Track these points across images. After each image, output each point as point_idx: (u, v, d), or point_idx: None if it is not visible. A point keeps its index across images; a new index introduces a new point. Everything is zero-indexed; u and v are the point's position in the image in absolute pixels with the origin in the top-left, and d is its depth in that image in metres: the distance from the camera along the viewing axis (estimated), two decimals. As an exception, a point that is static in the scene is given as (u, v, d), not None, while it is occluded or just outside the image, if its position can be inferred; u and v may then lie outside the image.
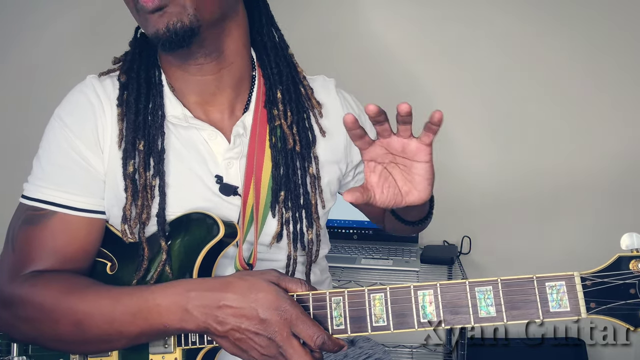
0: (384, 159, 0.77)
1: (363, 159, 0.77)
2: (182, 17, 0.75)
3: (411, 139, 0.73)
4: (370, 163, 0.77)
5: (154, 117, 0.84)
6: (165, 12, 0.75)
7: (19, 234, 0.80)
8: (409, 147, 0.74)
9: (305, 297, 0.74)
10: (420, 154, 0.74)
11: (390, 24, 1.91)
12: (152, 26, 0.76)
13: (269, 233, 0.88)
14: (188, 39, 0.77)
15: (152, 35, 0.77)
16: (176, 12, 0.75)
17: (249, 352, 0.71)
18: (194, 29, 0.76)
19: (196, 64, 0.83)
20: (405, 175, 0.77)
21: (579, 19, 1.81)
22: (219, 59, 0.84)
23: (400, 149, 0.75)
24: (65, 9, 2.01)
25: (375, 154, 0.76)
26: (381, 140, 0.74)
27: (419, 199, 0.78)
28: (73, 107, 0.83)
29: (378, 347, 1.11)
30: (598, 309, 0.64)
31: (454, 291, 0.69)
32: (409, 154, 0.75)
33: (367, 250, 1.82)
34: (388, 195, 0.78)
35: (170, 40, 0.76)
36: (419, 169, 0.75)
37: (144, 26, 0.79)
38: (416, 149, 0.74)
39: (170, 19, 0.75)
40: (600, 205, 1.85)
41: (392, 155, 0.76)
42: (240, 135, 0.87)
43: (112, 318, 0.73)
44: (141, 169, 0.81)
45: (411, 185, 0.77)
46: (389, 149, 0.75)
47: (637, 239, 0.65)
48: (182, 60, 0.83)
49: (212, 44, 0.82)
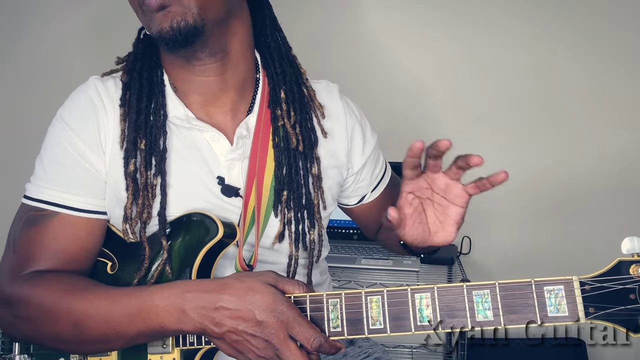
0: (422, 194, 0.78)
1: (403, 189, 0.77)
2: (187, 16, 0.75)
3: (457, 182, 0.75)
4: (408, 195, 0.77)
5: (155, 117, 0.84)
6: (170, 11, 0.75)
7: (21, 234, 0.80)
8: (452, 189, 0.75)
9: (302, 299, 0.73)
10: (459, 198, 0.75)
11: (391, 28, 1.91)
12: (156, 25, 0.76)
13: (270, 235, 0.88)
14: (192, 38, 0.77)
15: (156, 34, 0.77)
16: (180, 11, 0.75)
17: (246, 354, 0.71)
18: (198, 27, 0.76)
19: (200, 64, 0.83)
20: (437, 215, 0.78)
21: (580, 18, 1.80)
22: (223, 60, 0.84)
23: (443, 188, 0.76)
24: (66, 10, 2.01)
25: (417, 186, 0.77)
26: (428, 174, 0.75)
27: (445, 241, 0.79)
28: (75, 108, 0.84)
29: (377, 347, 1.11)
30: (597, 314, 0.64)
31: (452, 294, 0.68)
32: (450, 195, 0.76)
33: (367, 250, 1.82)
34: (417, 231, 0.79)
35: (174, 39, 0.76)
36: (453, 212, 0.76)
37: (148, 25, 0.79)
38: (459, 192, 0.75)
39: (174, 17, 0.75)
40: (601, 207, 1.84)
41: (431, 192, 0.77)
42: (243, 136, 0.87)
43: (110, 319, 0.73)
44: (142, 168, 0.81)
45: (440, 227, 0.78)
46: (432, 185, 0.76)
47: (637, 243, 0.64)
48: (186, 60, 0.83)
49: (216, 44, 0.82)
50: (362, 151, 0.98)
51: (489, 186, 0.72)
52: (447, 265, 1.75)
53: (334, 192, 0.96)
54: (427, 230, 0.79)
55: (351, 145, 0.97)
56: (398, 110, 1.93)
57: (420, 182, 0.77)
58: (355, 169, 0.99)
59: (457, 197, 0.75)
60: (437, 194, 0.77)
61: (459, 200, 0.75)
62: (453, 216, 0.77)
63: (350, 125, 0.97)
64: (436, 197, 0.77)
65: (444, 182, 0.75)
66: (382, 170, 1.05)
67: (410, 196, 0.78)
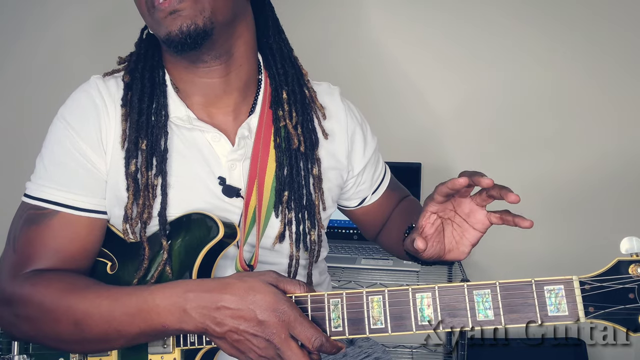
0: (445, 214, 0.79)
1: (427, 209, 0.78)
2: (196, 20, 0.76)
3: (482, 209, 0.76)
4: (431, 215, 0.79)
5: (157, 117, 0.84)
6: (180, 15, 0.75)
7: (21, 233, 0.80)
8: (476, 214, 0.77)
9: (303, 299, 0.73)
10: (480, 224, 0.77)
11: (391, 29, 1.91)
12: (164, 28, 0.76)
13: (271, 235, 0.88)
14: (201, 41, 0.77)
15: (164, 37, 0.77)
16: (191, 15, 0.75)
17: (247, 354, 0.71)
18: (207, 31, 0.77)
19: (205, 66, 0.83)
20: (455, 235, 0.80)
21: (580, 18, 1.80)
22: (228, 62, 0.84)
23: (467, 212, 0.78)
24: (67, 10, 2.02)
25: (443, 207, 0.78)
26: (456, 197, 0.77)
27: (457, 258, 0.81)
28: (76, 107, 0.84)
29: (377, 347, 1.11)
30: (596, 313, 0.64)
31: (452, 294, 0.69)
32: (472, 219, 0.77)
33: (367, 250, 1.82)
34: (434, 249, 0.80)
35: (183, 42, 0.76)
36: (471, 235, 0.78)
37: (155, 28, 0.79)
38: (482, 218, 0.77)
39: (184, 21, 0.75)
40: (602, 207, 1.84)
41: (453, 213, 0.79)
42: (245, 137, 0.87)
43: (111, 318, 0.73)
44: (143, 168, 0.82)
45: (455, 246, 0.80)
46: (456, 208, 0.78)
47: (637, 243, 0.65)
48: (191, 62, 0.83)
49: (222, 46, 0.82)
50: (363, 154, 0.99)
51: (512, 224, 0.73)
52: (447, 266, 1.75)
53: (334, 194, 0.97)
54: (442, 248, 0.81)
55: (352, 147, 0.97)
56: (398, 111, 1.93)
57: (447, 205, 0.78)
58: (356, 171, 0.99)
59: (479, 223, 0.77)
60: (459, 216, 0.79)
61: (479, 226, 0.77)
62: (470, 239, 0.79)
63: (351, 127, 0.97)
64: (457, 219, 0.79)
65: (469, 207, 0.77)
66: (382, 172, 1.06)
67: (433, 216, 0.79)
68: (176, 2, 0.75)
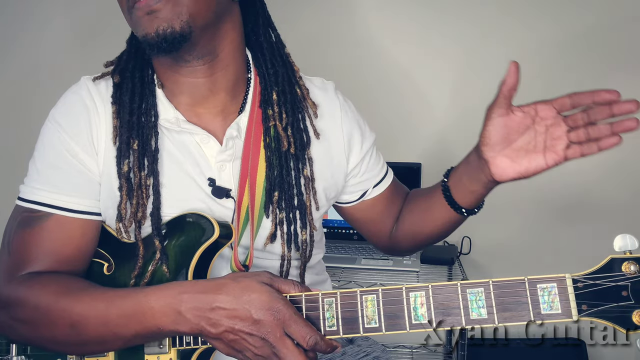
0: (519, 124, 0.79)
1: (490, 114, 0.80)
2: (173, 23, 0.75)
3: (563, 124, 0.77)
4: (497, 120, 0.79)
5: (147, 118, 0.84)
6: (157, 16, 0.74)
7: (15, 236, 0.81)
8: (556, 130, 0.77)
9: (298, 298, 0.74)
10: (556, 149, 0.78)
11: (389, 27, 1.91)
12: (142, 29, 0.76)
13: (263, 235, 0.88)
14: (177, 45, 0.76)
15: (141, 38, 0.77)
16: (168, 17, 0.74)
17: (244, 353, 0.71)
18: (185, 35, 0.76)
19: (188, 66, 0.82)
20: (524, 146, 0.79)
21: (579, 18, 1.80)
22: (212, 62, 0.83)
23: (546, 125, 0.78)
24: (65, 10, 2.02)
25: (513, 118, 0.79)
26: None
27: (496, 174, 0.81)
28: (67, 109, 0.84)
29: (377, 346, 1.12)
30: (590, 311, 0.64)
31: (446, 293, 0.69)
32: (550, 137, 0.78)
33: (367, 251, 1.82)
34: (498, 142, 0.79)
35: (158, 45, 0.75)
36: (534, 160, 0.79)
37: (134, 28, 0.79)
38: (561, 135, 0.77)
39: (160, 23, 0.74)
40: (602, 207, 1.84)
41: (530, 122, 0.79)
42: (233, 137, 0.86)
43: (107, 320, 0.74)
44: (136, 168, 0.82)
45: (511, 158, 0.80)
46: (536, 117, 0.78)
47: (630, 241, 0.65)
48: (174, 61, 0.82)
49: (205, 48, 0.81)
50: (360, 148, 0.97)
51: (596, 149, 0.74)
52: (447, 266, 1.75)
53: (329, 193, 0.95)
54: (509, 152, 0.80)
55: (348, 142, 0.95)
56: (398, 111, 1.93)
57: (519, 117, 0.78)
58: (353, 164, 0.96)
59: (557, 143, 0.78)
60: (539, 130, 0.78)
61: (555, 152, 0.78)
62: (534, 163, 0.79)
63: (347, 122, 0.95)
64: (538, 127, 0.78)
65: (549, 114, 0.77)
66: (383, 168, 1.02)
67: (499, 121, 0.79)
68: (153, 1, 0.74)
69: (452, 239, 1.91)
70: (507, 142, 0.79)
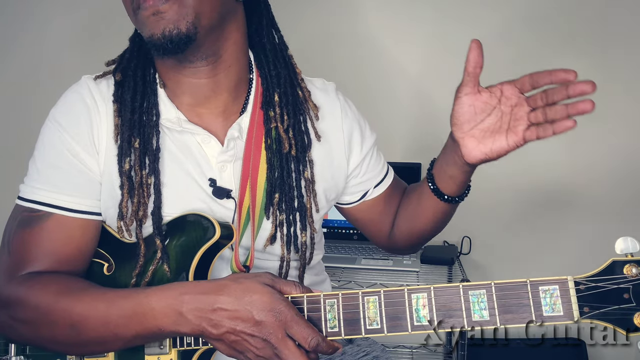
0: (485, 105, 0.79)
1: (459, 95, 0.80)
2: (179, 24, 0.75)
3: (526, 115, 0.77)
4: (465, 99, 0.79)
5: (148, 116, 0.83)
6: (163, 17, 0.74)
7: (15, 236, 0.80)
8: (518, 111, 0.77)
9: (299, 300, 0.74)
10: (517, 133, 0.77)
11: (391, 27, 1.91)
12: (148, 30, 0.76)
13: (264, 236, 0.88)
14: (183, 46, 0.76)
15: (147, 39, 0.77)
16: (174, 19, 0.74)
17: (245, 354, 0.71)
18: (190, 36, 0.76)
19: (191, 66, 0.82)
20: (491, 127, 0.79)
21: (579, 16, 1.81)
22: (215, 63, 0.83)
23: (513, 104, 0.77)
24: (66, 9, 2.02)
25: (480, 98, 0.79)
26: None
27: (465, 155, 0.80)
28: (68, 108, 0.83)
29: (376, 345, 1.12)
30: (591, 313, 0.64)
31: (448, 294, 0.69)
32: (514, 117, 0.77)
33: (367, 251, 1.82)
34: (467, 121, 0.80)
35: (164, 46, 0.75)
36: (498, 142, 0.78)
37: (139, 28, 0.79)
38: (524, 123, 0.77)
39: (166, 25, 0.74)
40: (601, 208, 1.84)
41: (496, 102, 0.78)
42: (234, 138, 0.86)
43: (107, 321, 0.73)
44: (137, 167, 0.81)
45: (477, 139, 0.79)
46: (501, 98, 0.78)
47: (631, 243, 0.65)
48: (177, 62, 0.82)
49: (209, 49, 0.81)
50: (361, 148, 0.97)
51: (549, 131, 0.73)
52: (447, 266, 1.75)
53: (329, 194, 0.95)
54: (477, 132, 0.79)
55: (349, 143, 0.95)
56: (398, 112, 1.93)
57: (485, 97, 0.78)
58: (354, 165, 0.97)
59: (518, 124, 0.76)
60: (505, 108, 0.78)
61: (515, 133, 0.77)
62: (497, 144, 0.78)
63: (347, 123, 0.95)
64: (503, 108, 0.78)
65: (513, 94, 0.77)
66: (384, 168, 1.02)
67: (467, 101, 0.79)
68: (160, 2, 0.74)
69: (452, 239, 1.91)
70: (474, 122, 0.79)
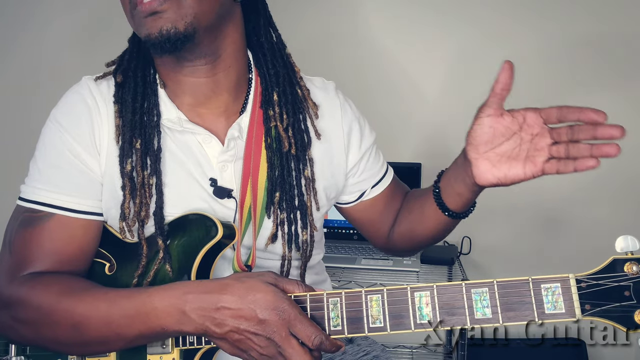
0: (506, 130, 0.76)
1: (480, 115, 0.78)
2: (177, 24, 0.75)
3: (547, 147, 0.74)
4: (485, 120, 0.77)
5: (149, 117, 0.84)
6: (161, 17, 0.75)
7: (17, 236, 0.80)
8: (539, 142, 0.75)
9: (303, 298, 0.74)
10: (536, 163, 0.75)
11: (391, 27, 1.91)
12: (145, 29, 0.76)
13: (265, 235, 0.88)
14: (180, 45, 0.76)
15: (144, 38, 0.77)
16: (172, 18, 0.75)
17: (248, 352, 0.71)
18: (188, 35, 0.76)
19: (190, 65, 0.82)
20: (527, 152, 0.76)
21: (578, 16, 1.81)
22: (214, 62, 0.83)
23: (535, 133, 0.75)
24: (66, 9, 2.02)
25: (503, 121, 0.76)
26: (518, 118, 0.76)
27: (477, 177, 0.78)
28: (69, 109, 0.84)
29: (376, 345, 1.12)
30: (593, 310, 0.64)
31: (450, 293, 0.69)
32: (533, 149, 0.75)
33: (367, 251, 1.83)
34: (483, 143, 0.77)
35: (162, 46, 0.75)
36: (514, 169, 0.76)
37: (136, 28, 0.79)
38: (543, 152, 0.75)
39: (164, 24, 0.74)
40: (601, 207, 1.85)
41: (517, 128, 0.76)
42: (235, 138, 0.87)
43: (109, 320, 0.74)
44: (138, 168, 0.82)
45: (492, 163, 0.77)
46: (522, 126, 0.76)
47: (632, 242, 0.65)
48: (175, 61, 0.82)
49: (207, 48, 0.81)
50: (359, 146, 0.97)
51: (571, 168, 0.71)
52: (447, 266, 1.75)
53: (330, 193, 0.95)
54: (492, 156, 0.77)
55: (348, 142, 0.95)
56: (398, 112, 1.93)
57: (508, 121, 0.76)
58: (352, 163, 0.97)
59: (538, 154, 0.74)
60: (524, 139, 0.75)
61: (534, 163, 0.74)
62: (513, 171, 0.76)
63: (347, 122, 0.96)
64: (523, 136, 0.75)
65: (536, 123, 0.74)
66: (382, 168, 1.02)
67: (487, 122, 0.77)
68: (158, 3, 0.74)
69: (452, 239, 1.91)
70: (491, 145, 0.77)
